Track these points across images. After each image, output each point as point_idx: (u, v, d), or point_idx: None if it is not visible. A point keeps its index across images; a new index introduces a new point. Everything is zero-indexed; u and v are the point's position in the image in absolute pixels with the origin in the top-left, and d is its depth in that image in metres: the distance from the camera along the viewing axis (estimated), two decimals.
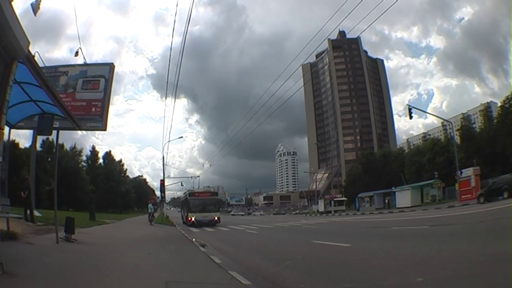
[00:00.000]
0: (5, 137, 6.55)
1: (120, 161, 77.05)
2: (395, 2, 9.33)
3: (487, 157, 34.92)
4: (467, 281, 4.29)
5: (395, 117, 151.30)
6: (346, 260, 6.89)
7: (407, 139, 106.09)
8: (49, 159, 41.28)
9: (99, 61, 51.39)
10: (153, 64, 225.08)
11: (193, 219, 22.74)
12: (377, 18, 10.32)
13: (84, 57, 19.87)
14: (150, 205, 27.66)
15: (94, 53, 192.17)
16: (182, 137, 73.04)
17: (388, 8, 9.61)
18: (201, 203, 24.14)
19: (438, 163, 40.24)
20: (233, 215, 72.64)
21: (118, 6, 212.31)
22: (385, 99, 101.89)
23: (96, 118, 17.98)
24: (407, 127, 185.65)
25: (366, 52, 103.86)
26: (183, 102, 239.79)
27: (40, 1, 10.19)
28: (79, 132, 40.36)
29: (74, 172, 47.85)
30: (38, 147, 31.07)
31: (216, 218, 23.40)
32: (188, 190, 29.75)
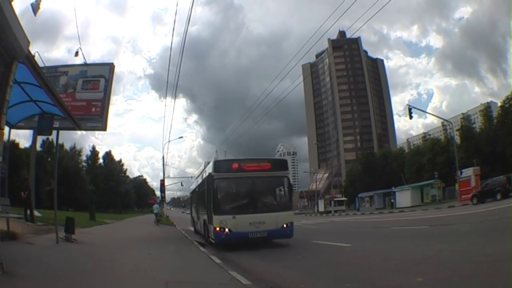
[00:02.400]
0: (5, 137, 6.55)
1: (120, 161, 77.26)
2: (389, 1, 9.32)
3: (487, 157, 34.91)
4: (467, 281, 4.28)
5: (395, 117, 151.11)
6: (346, 260, 6.89)
7: (407, 139, 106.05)
8: (49, 159, 41.32)
9: (97, 61, 51.37)
10: (151, 64, 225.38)
11: (226, 229, 9.27)
12: (373, 16, 10.34)
13: (84, 57, 19.92)
14: (155, 206, 27.64)
15: (92, 53, 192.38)
16: (182, 137, 72.36)
17: (384, 5, 9.61)
18: (246, 189, 10.07)
19: (438, 163, 40.24)
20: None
21: (116, 6, 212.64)
22: (385, 99, 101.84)
23: (96, 118, 17.98)
24: (407, 127, 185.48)
25: (366, 52, 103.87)
26: (181, 102, 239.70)
27: (40, 1, 10.20)
28: (79, 132, 40.45)
29: (74, 172, 47.91)
30: (38, 147, 31.09)
31: (285, 224, 9.63)
32: (213, 160, 11.28)
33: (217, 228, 9.22)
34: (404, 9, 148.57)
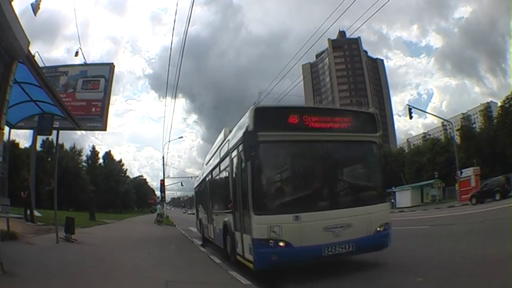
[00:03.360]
0: (5, 137, 6.56)
1: (120, 161, 77.25)
2: (388, 1, 9.30)
3: (487, 157, 34.94)
4: (467, 281, 4.29)
5: (395, 117, 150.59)
6: (346, 259, 6.88)
7: (407, 139, 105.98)
8: (49, 159, 41.33)
9: (96, 61, 51.40)
10: (150, 64, 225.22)
11: (280, 242, 4.96)
12: (372, 15, 10.29)
13: (84, 57, 19.93)
14: (158, 206, 28.64)
15: (91, 53, 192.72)
16: (182, 137, 71.89)
17: (383, 5, 9.58)
18: (316, 164, 5.82)
19: (438, 163, 40.27)
20: None
21: (115, 6, 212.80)
22: (385, 99, 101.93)
23: (96, 118, 18.03)
24: (407, 127, 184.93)
25: (366, 52, 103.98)
26: (181, 102, 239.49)
27: (40, 1, 10.21)
28: (79, 132, 40.49)
29: (74, 172, 47.94)
30: (38, 147, 31.05)
31: (379, 227, 5.54)
32: (254, 107, 5.51)
33: (263, 241, 4.98)
34: (403, 9, 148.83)
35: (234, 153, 6.38)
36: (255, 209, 5.11)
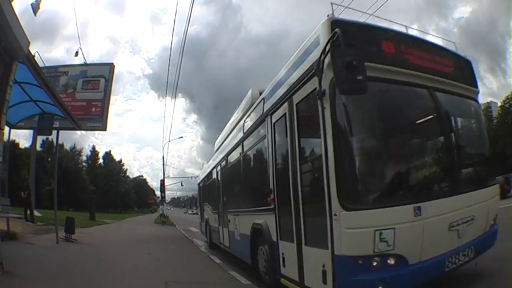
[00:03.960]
0: (5, 137, 6.56)
1: (120, 161, 77.37)
2: (387, 1, 9.34)
3: None
4: (467, 281, 4.29)
5: None
6: None
7: None
8: (49, 159, 41.36)
9: (96, 61, 51.41)
10: (150, 64, 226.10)
11: (391, 259, 2.83)
12: (371, 14, 10.32)
13: (84, 57, 19.94)
14: (161, 207, 29.13)
15: (91, 53, 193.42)
16: (182, 137, 71.81)
17: (382, 5, 9.64)
18: (432, 121, 3.51)
19: None
20: None
21: (114, 6, 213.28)
22: None
23: (96, 118, 18.04)
24: None
25: None
26: (181, 102, 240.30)
27: (40, 1, 10.21)
28: (79, 132, 40.54)
29: (74, 172, 48.00)
30: (38, 147, 31.06)
31: (493, 220, 4.23)
32: (330, 19, 3.15)
33: (361, 259, 2.80)
34: (403, 9, 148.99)
35: (279, 112, 4.13)
36: (345, 199, 2.85)
